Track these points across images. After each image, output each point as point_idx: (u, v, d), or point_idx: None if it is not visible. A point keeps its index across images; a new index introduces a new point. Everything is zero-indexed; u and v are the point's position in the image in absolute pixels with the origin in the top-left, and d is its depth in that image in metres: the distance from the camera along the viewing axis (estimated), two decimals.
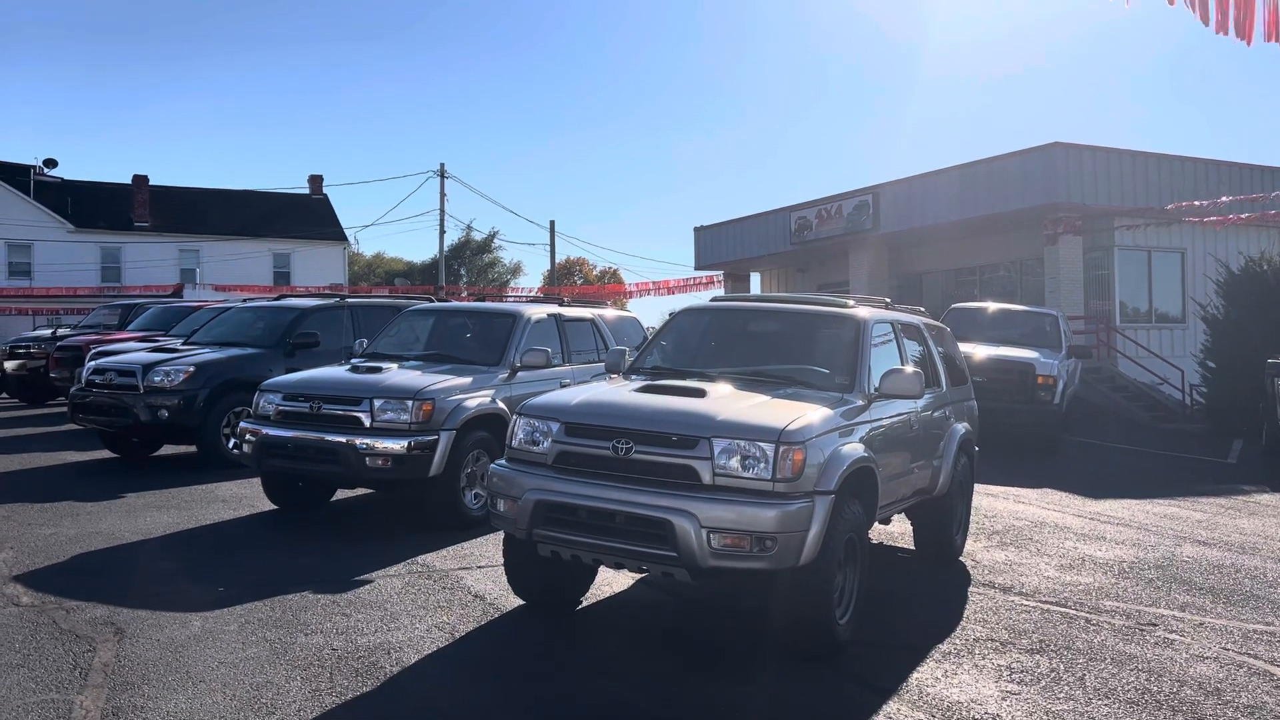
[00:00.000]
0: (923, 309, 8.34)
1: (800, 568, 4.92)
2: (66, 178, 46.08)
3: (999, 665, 5.30)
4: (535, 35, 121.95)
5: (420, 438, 7.69)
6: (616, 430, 5.20)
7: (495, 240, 67.21)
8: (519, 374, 8.79)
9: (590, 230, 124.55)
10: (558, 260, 51.07)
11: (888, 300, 7.61)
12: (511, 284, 66.73)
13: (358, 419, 7.81)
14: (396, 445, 7.63)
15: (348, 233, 50.27)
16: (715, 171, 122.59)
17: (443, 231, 46.74)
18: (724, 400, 5.44)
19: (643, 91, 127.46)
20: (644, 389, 5.73)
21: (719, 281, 34.85)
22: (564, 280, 62.30)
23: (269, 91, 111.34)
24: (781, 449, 4.94)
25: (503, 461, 5.60)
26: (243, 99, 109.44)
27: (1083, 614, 6.35)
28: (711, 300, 7.58)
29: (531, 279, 71.28)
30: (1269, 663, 5.57)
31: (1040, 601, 6.62)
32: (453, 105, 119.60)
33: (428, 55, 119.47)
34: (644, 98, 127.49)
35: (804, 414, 5.26)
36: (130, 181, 45.22)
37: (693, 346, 6.94)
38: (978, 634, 5.83)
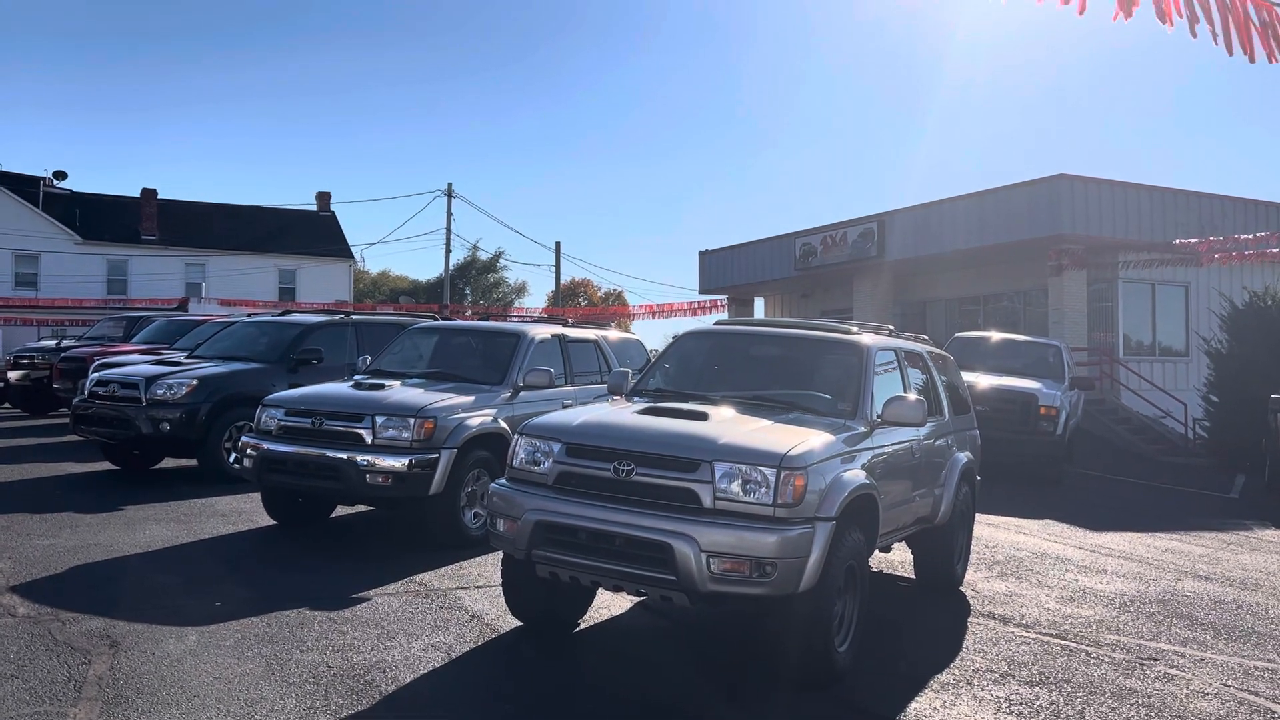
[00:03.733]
0: (926, 337, 8.34)
1: (800, 594, 4.90)
2: (75, 190, 46.33)
3: (998, 697, 5.26)
4: (544, 58, 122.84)
5: (421, 456, 7.68)
6: (618, 452, 5.19)
7: (501, 260, 67.45)
8: (521, 394, 8.79)
9: (595, 252, 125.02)
10: (563, 281, 51.15)
11: (891, 327, 7.61)
12: (516, 304, 66.86)
13: (359, 435, 7.81)
14: (397, 463, 7.62)
15: (354, 250, 50.44)
16: (722, 196, 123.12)
17: (448, 250, 46.94)
18: (726, 424, 5.44)
19: (650, 115, 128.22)
20: (646, 411, 5.73)
21: (723, 305, 34.88)
22: (569, 301, 62.39)
23: (278, 108, 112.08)
24: (783, 474, 4.93)
25: (503, 481, 5.59)
26: (252, 115, 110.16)
27: (1083, 647, 6.32)
28: (715, 324, 7.59)
29: (536, 299, 71.43)
30: (1270, 700, 5.53)
31: (1040, 633, 6.59)
32: (461, 125, 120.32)
33: (437, 74, 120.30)
34: (651, 121, 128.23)
35: (806, 439, 5.25)
36: (139, 195, 45.43)
37: (696, 370, 6.94)
38: (977, 665, 5.80)
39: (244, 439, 8.34)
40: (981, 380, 14.23)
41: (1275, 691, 5.69)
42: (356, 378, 8.95)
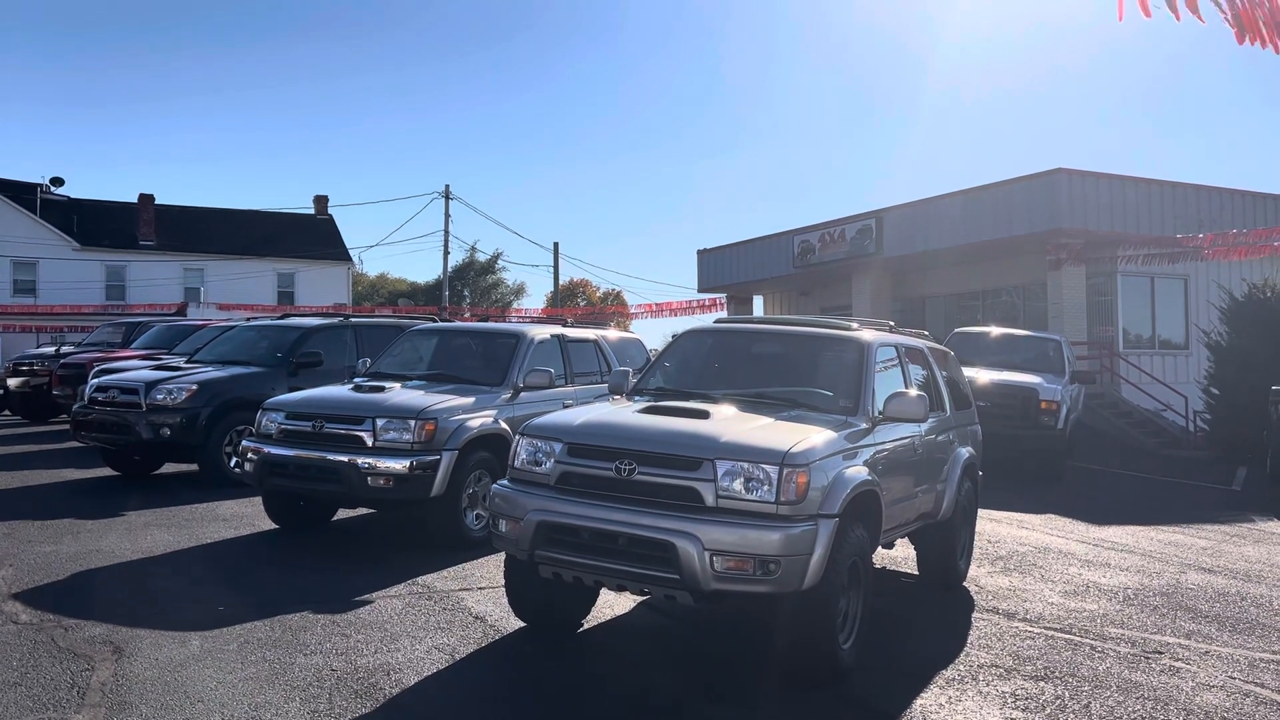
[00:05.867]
0: (926, 332, 8.33)
1: (803, 591, 4.89)
2: (73, 196, 46.32)
3: (1004, 692, 5.25)
4: (540, 59, 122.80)
5: (422, 457, 7.67)
6: (619, 451, 5.17)
7: (499, 261, 67.39)
8: (522, 394, 8.77)
9: (594, 252, 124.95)
10: (561, 282, 51.12)
11: (891, 323, 7.60)
12: (515, 305, 66.85)
13: (360, 438, 7.79)
14: (398, 465, 7.61)
15: (352, 253, 50.42)
16: (719, 194, 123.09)
17: (447, 252, 46.92)
18: (727, 422, 5.42)
19: (647, 115, 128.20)
20: (647, 410, 5.72)
21: (722, 304, 34.86)
22: (567, 302, 62.34)
23: (275, 112, 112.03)
24: (785, 471, 4.91)
25: (505, 482, 5.58)
26: (249, 119, 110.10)
27: (1088, 641, 6.31)
28: (715, 322, 7.57)
29: (535, 300, 71.43)
30: (1276, 691, 5.52)
31: (1045, 628, 6.58)
32: (458, 127, 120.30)
33: (433, 77, 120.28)
34: (648, 121, 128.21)
35: (808, 436, 5.24)
36: (136, 200, 45.42)
37: (696, 368, 6.93)
38: (982, 660, 5.79)
39: (245, 443, 8.33)
40: (982, 375, 14.22)
41: None
42: (357, 380, 8.92)
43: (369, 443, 7.75)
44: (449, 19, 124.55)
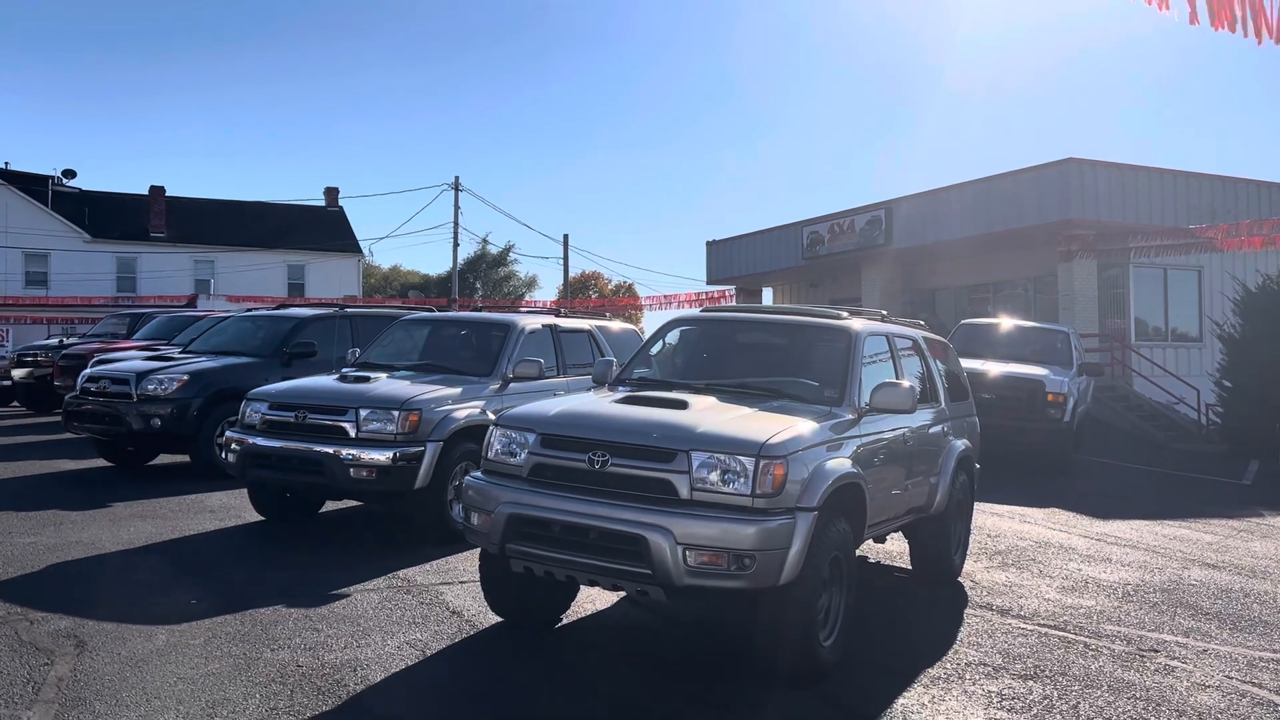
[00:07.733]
0: (922, 322, 8.13)
1: (781, 587, 4.73)
2: (84, 188, 46.40)
3: (989, 691, 5.08)
4: (551, 53, 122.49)
5: (406, 449, 7.54)
6: (593, 442, 5.02)
7: (511, 254, 67.26)
8: (511, 385, 8.62)
9: (605, 245, 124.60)
10: (573, 274, 50.99)
11: (884, 313, 7.40)
12: (527, 297, 66.71)
13: (343, 429, 7.66)
14: (381, 456, 7.48)
15: (362, 245, 50.37)
16: (732, 187, 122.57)
17: (456, 244, 46.86)
18: (705, 413, 5.26)
19: (658, 107, 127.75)
20: (625, 400, 5.57)
21: (731, 296, 34.62)
22: (579, 294, 62.18)
23: (286, 105, 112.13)
24: (762, 463, 4.75)
25: (479, 474, 5.44)
26: (260, 112, 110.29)
27: (1082, 638, 6.12)
28: (702, 310, 7.41)
29: (547, 292, 71.27)
30: (1274, 692, 5.33)
31: (1038, 625, 6.39)
32: (469, 120, 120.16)
33: (445, 71, 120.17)
34: (660, 114, 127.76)
35: (787, 427, 5.07)
36: (147, 192, 45.47)
37: (682, 357, 6.78)
38: (970, 658, 5.62)
39: (228, 434, 8.22)
40: (988, 367, 14.01)
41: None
42: (343, 370, 8.79)
43: (352, 434, 7.62)
44: (460, 14, 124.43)
